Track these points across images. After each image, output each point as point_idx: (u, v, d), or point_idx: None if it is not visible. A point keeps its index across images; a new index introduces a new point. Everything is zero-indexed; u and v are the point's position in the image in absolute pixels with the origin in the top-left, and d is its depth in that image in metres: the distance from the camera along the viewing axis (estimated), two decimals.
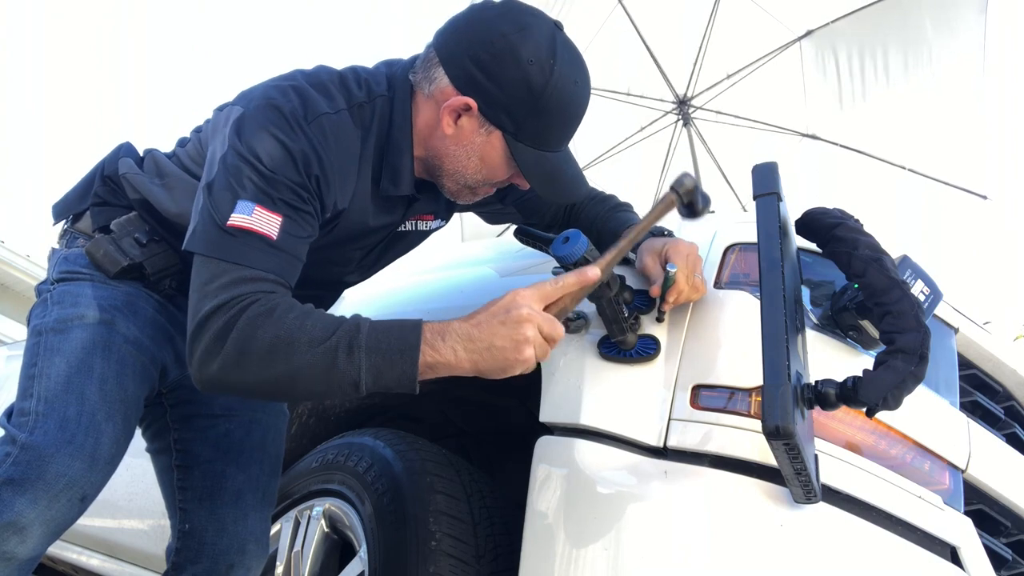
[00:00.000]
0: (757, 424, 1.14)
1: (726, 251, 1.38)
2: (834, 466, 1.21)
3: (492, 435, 1.99)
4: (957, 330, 1.51)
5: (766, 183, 1.18)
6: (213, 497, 1.45)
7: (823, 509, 1.16)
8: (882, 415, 1.20)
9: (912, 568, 1.20)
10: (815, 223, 1.32)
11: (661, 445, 1.23)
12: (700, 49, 5.98)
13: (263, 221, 1.15)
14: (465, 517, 1.41)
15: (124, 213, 1.38)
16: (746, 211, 1.26)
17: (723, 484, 1.18)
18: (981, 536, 1.32)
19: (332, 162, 1.23)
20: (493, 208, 1.57)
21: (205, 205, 1.17)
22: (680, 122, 6.34)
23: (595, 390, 1.28)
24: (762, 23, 5.95)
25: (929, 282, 1.31)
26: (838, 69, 5.99)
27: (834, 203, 1.37)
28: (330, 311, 1.22)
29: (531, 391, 1.35)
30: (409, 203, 1.40)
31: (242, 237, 1.14)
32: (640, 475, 1.21)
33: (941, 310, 1.46)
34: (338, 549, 1.64)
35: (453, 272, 1.95)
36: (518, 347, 1.09)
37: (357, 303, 1.92)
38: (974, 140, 5.62)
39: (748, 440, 1.19)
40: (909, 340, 1.14)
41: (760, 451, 1.17)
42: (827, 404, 1.13)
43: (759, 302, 1.09)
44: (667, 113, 6.37)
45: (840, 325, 1.31)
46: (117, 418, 1.24)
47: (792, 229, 1.31)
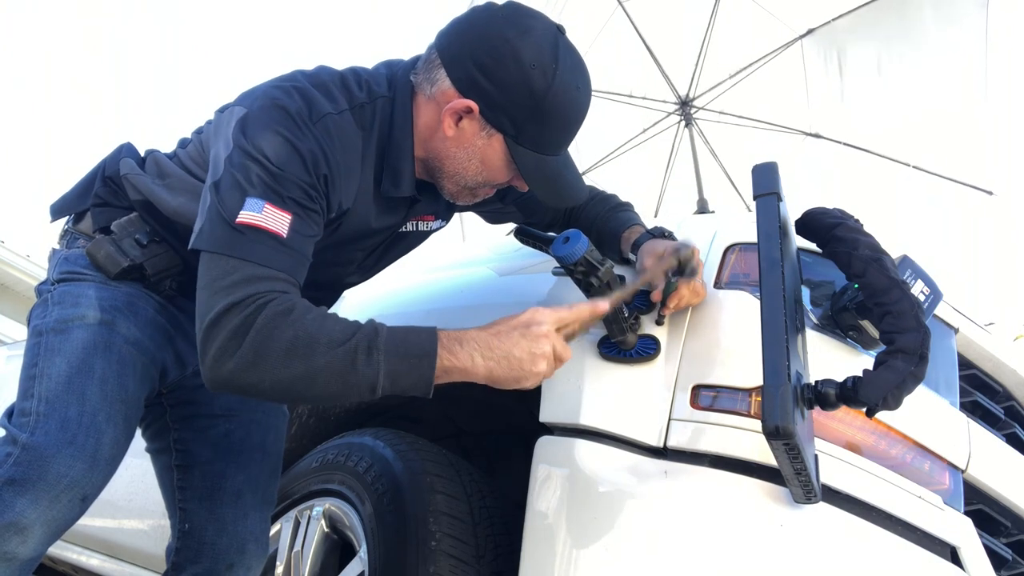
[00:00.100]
0: (757, 424, 1.14)
1: (726, 251, 1.38)
2: (834, 466, 1.21)
3: (492, 435, 1.99)
4: (957, 330, 1.51)
5: (766, 183, 1.18)
6: (213, 497, 1.45)
7: (823, 509, 1.16)
8: (882, 415, 1.20)
9: (912, 568, 1.20)
10: (815, 223, 1.32)
11: (661, 445, 1.23)
12: (701, 49, 5.97)
13: (273, 219, 1.14)
14: (465, 517, 1.41)
15: (125, 214, 1.38)
16: (751, 211, 1.26)
17: (723, 484, 1.18)
18: (981, 536, 1.32)
19: (338, 162, 1.23)
20: (493, 208, 1.57)
21: (212, 203, 1.16)
22: (683, 123, 6.34)
23: (595, 390, 1.28)
24: (763, 22, 5.95)
25: (929, 282, 1.31)
26: (840, 67, 5.99)
27: (839, 201, 1.37)
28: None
29: (531, 391, 1.35)
30: (411, 204, 1.39)
31: (252, 234, 1.13)
32: (640, 475, 1.21)
33: (941, 310, 1.46)
34: (338, 549, 1.64)
35: (453, 272, 1.95)
36: (535, 360, 1.12)
37: (357, 304, 1.92)
38: (978, 135, 5.61)
39: (748, 440, 1.19)
40: (909, 340, 1.14)
41: (760, 451, 1.17)
42: (827, 404, 1.13)
43: (759, 302, 1.09)
44: (669, 114, 6.37)
45: (840, 325, 1.31)
46: (118, 418, 1.24)
47: (792, 229, 1.30)
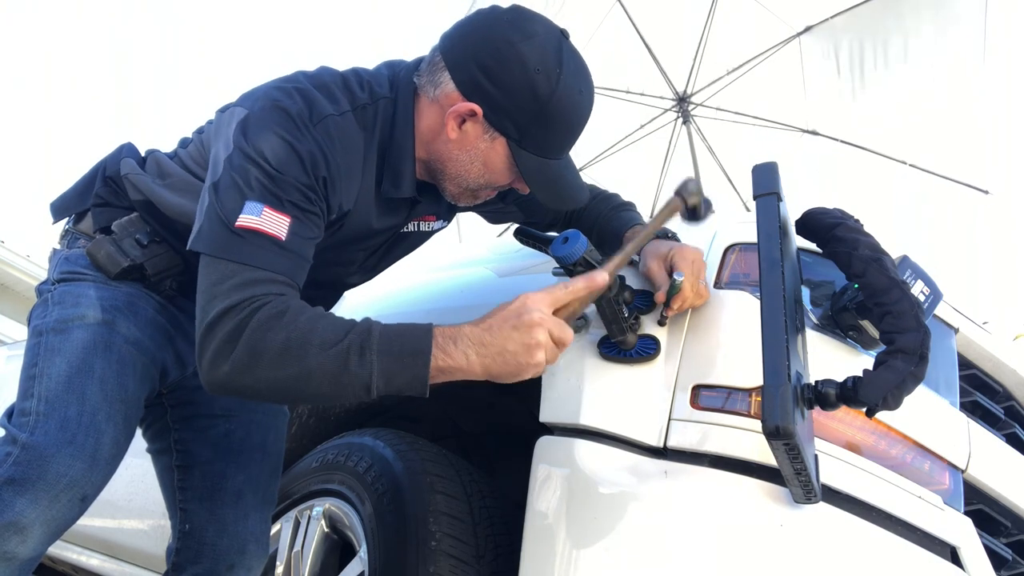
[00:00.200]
0: (757, 424, 1.14)
1: (726, 251, 1.38)
2: (834, 466, 1.21)
3: (492, 435, 1.99)
4: (957, 330, 1.51)
5: (766, 183, 1.18)
6: (213, 497, 1.45)
7: (823, 509, 1.16)
8: (882, 415, 1.20)
9: (912, 568, 1.20)
10: (815, 223, 1.32)
11: (661, 445, 1.23)
12: (699, 46, 5.97)
13: (272, 222, 1.14)
14: (465, 517, 1.42)
15: (125, 214, 1.38)
16: (748, 210, 1.26)
17: (723, 484, 1.18)
18: (981, 536, 1.32)
19: (338, 164, 1.23)
20: (494, 207, 1.57)
21: (211, 205, 1.16)
22: (680, 119, 6.34)
23: (595, 390, 1.28)
24: (761, 19, 5.95)
25: (929, 282, 1.31)
26: (838, 64, 5.99)
27: (835, 199, 1.37)
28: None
29: (531, 391, 1.35)
30: (412, 205, 1.39)
31: (251, 238, 1.13)
32: (640, 475, 1.21)
33: (941, 310, 1.46)
34: (338, 549, 1.64)
35: (453, 272, 1.95)
36: (530, 351, 1.09)
37: (357, 304, 1.92)
38: (975, 134, 5.62)
39: (748, 440, 1.19)
40: (909, 340, 1.15)
41: (760, 451, 1.17)
42: (827, 404, 1.13)
43: (759, 302, 1.09)
44: (667, 110, 6.37)
45: (840, 325, 1.31)
46: (117, 418, 1.24)
47: (792, 229, 1.30)
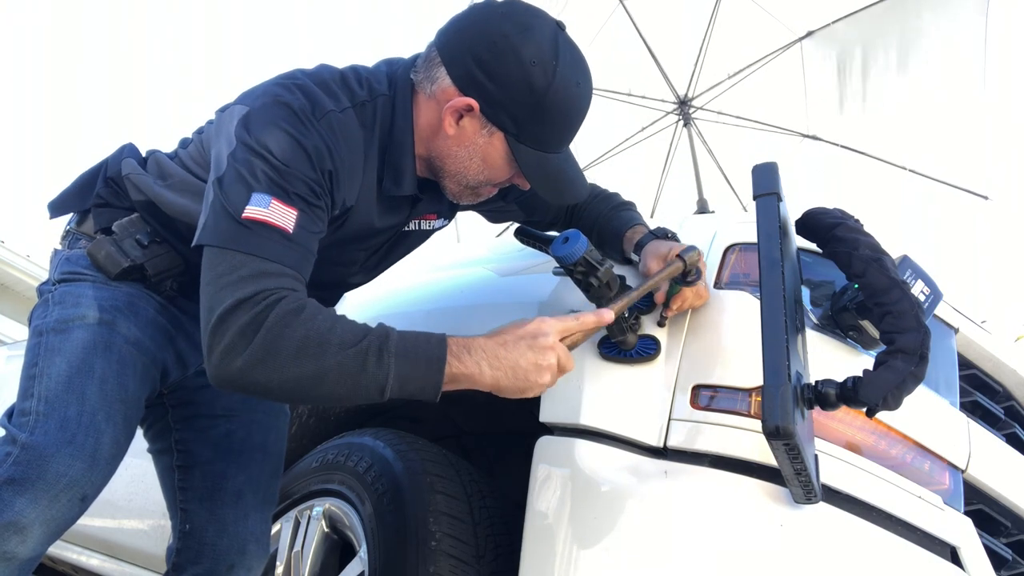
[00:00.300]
0: (757, 424, 1.14)
1: (726, 251, 1.38)
2: (834, 466, 1.21)
3: (492, 435, 1.99)
4: (957, 330, 1.51)
5: (766, 183, 1.18)
6: (214, 497, 1.45)
7: (823, 509, 1.16)
8: (882, 415, 1.20)
9: (912, 568, 1.20)
10: (815, 223, 1.32)
11: (661, 445, 1.23)
12: (701, 49, 5.97)
13: (279, 214, 1.13)
14: (465, 517, 1.41)
15: (126, 214, 1.38)
16: (747, 211, 1.26)
17: (723, 484, 1.18)
18: (981, 536, 1.32)
19: (342, 158, 1.23)
20: (495, 206, 1.57)
21: (216, 199, 1.15)
22: (681, 122, 6.33)
23: (595, 390, 1.28)
24: (763, 24, 5.95)
25: (929, 282, 1.31)
26: (839, 70, 5.99)
27: (835, 203, 1.37)
28: None
29: None
30: (413, 203, 1.39)
31: (258, 229, 1.12)
32: (640, 475, 1.21)
33: (941, 310, 1.46)
34: (338, 549, 1.64)
35: (453, 272, 1.95)
36: (540, 371, 1.13)
37: (357, 304, 1.92)
38: (975, 140, 5.62)
39: (748, 440, 1.19)
40: (909, 340, 1.15)
41: (760, 451, 1.17)
42: (827, 404, 1.13)
43: (759, 302, 1.09)
44: (668, 113, 6.36)
45: (840, 325, 1.31)
46: (117, 418, 1.24)
47: (792, 229, 1.31)
